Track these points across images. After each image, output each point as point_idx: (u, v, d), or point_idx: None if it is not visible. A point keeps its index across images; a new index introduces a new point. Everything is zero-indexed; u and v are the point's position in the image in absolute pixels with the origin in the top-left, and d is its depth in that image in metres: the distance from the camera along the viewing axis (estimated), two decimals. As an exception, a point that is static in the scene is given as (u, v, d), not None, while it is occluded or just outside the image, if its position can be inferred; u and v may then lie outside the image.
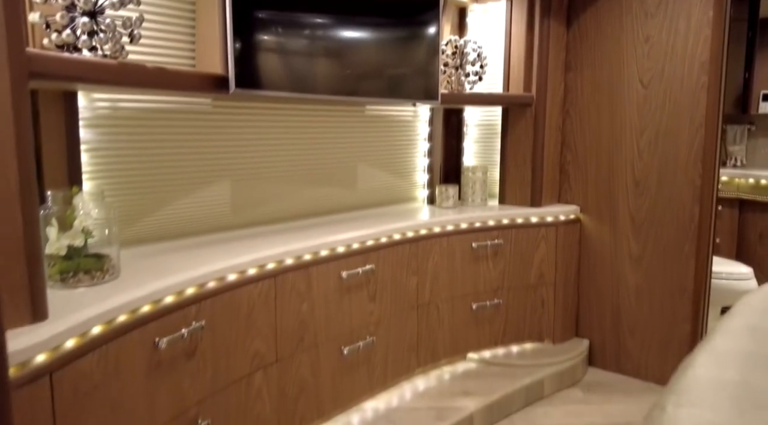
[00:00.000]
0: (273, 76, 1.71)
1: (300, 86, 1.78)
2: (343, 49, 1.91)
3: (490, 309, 2.49)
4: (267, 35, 1.68)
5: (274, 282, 1.69)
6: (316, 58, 1.83)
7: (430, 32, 2.18)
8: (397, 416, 2.00)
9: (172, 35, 1.72)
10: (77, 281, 1.32)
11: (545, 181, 2.66)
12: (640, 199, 2.54)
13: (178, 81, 1.50)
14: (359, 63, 1.97)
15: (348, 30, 1.92)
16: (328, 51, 1.87)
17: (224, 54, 1.58)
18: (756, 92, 3.81)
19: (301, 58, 1.78)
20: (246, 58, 1.61)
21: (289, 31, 1.74)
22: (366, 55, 2.00)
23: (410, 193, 2.72)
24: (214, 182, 1.92)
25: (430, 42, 2.19)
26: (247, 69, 1.61)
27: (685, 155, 2.41)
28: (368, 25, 1.99)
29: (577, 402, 2.35)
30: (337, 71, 1.90)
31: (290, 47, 1.75)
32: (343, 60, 1.91)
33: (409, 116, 2.65)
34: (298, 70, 1.78)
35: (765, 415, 0.84)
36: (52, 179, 1.48)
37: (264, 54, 1.68)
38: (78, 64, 1.25)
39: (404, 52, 2.14)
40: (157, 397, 1.35)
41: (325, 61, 1.86)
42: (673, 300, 2.48)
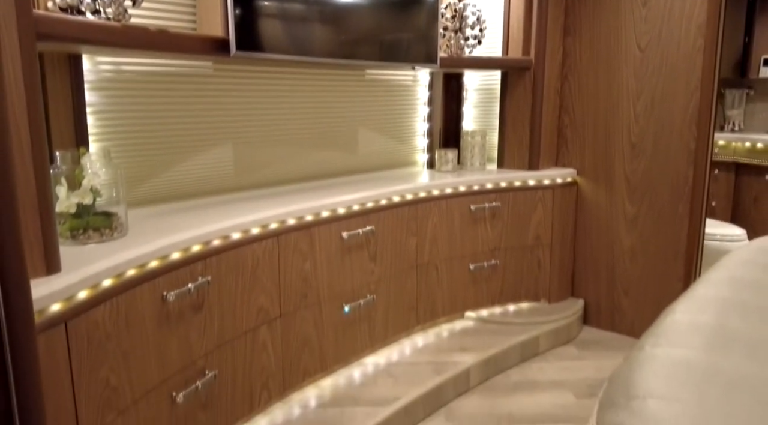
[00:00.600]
0: (273, 39, 1.72)
1: (299, 49, 1.79)
2: (342, 13, 1.91)
3: (487, 270, 2.54)
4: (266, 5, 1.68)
5: (277, 241, 1.74)
6: (316, 21, 1.83)
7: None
8: (397, 370, 2.07)
9: None
10: (87, 238, 1.36)
11: (543, 145, 2.68)
12: (635, 162, 2.56)
13: (180, 43, 1.52)
14: (358, 26, 1.97)
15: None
16: (328, 14, 1.87)
17: (225, 17, 1.58)
18: (756, 57, 3.78)
19: (300, 22, 1.78)
20: (246, 22, 1.61)
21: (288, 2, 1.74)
22: (365, 18, 1.99)
23: (410, 157, 2.74)
24: (216, 145, 1.95)
25: (429, 5, 2.18)
26: (247, 32, 1.62)
27: (681, 118, 2.42)
28: None
29: (571, 358, 2.42)
30: (336, 35, 1.90)
31: (290, 11, 1.75)
32: (343, 23, 1.91)
33: (409, 80, 2.66)
34: (298, 33, 1.78)
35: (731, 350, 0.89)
36: (59, 141, 1.51)
37: (264, 17, 1.68)
38: (83, 26, 1.27)
39: (403, 16, 2.13)
40: (166, 348, 1.40)
41: (325, 25, 1.86)
42: (667, 261, 2.52)
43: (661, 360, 0.87)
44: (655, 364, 0.86)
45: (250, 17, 1.63)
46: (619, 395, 0.83)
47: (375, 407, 1.83)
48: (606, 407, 0.83)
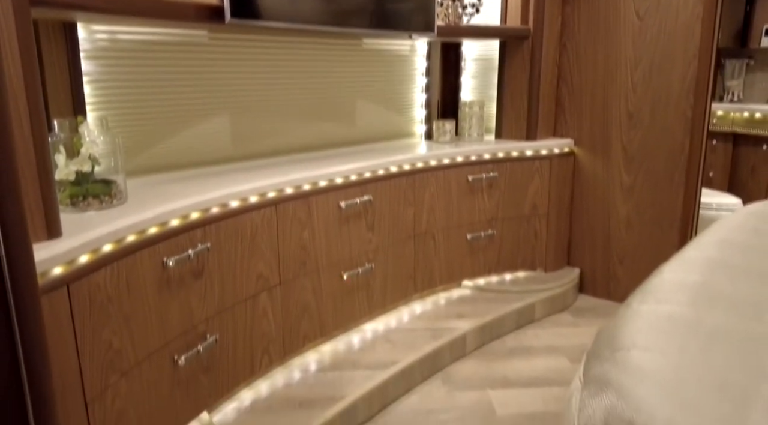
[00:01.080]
0: (268, 7, 1.70)
1: (295, 17, 1.78)
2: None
3: (484, 239, 2.56)
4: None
5: (275, 210, 1.75)
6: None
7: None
8: (395, 336, 2.11)
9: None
10: (87, 205, 1.38)
11: (541, 115, 2.67)
12: (633, 131, 2.55)
13: (174, 10, 1.51)
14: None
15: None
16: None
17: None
18: (757, 26, 3.72)
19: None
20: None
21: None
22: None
23: (408, 128, 2.74)
24: (213, 115, 1.95)
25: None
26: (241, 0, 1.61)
27: (678, 87, 2.40)
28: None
29: (566, 325, 2.45)
30: (332, 3, 1.88)
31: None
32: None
33: (407, 50, 2.63)
34: (294, 0, 1.77)
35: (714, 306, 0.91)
36: (57, 110, 1.52)
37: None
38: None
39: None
40: (167, 312, 1.43)
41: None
42: (662, 229, 2.54)
43: (647, 315, 0.89)
44: (640, 319, 0.88)
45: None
46: (604, 348, 0.85)
47: (373, 371, 1.87)
48: (591, 359, 0.85)
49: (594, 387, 0.78)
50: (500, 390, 1.96)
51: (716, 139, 3.48)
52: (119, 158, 1.46)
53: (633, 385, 0.73)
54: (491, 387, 1.97)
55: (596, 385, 0.78)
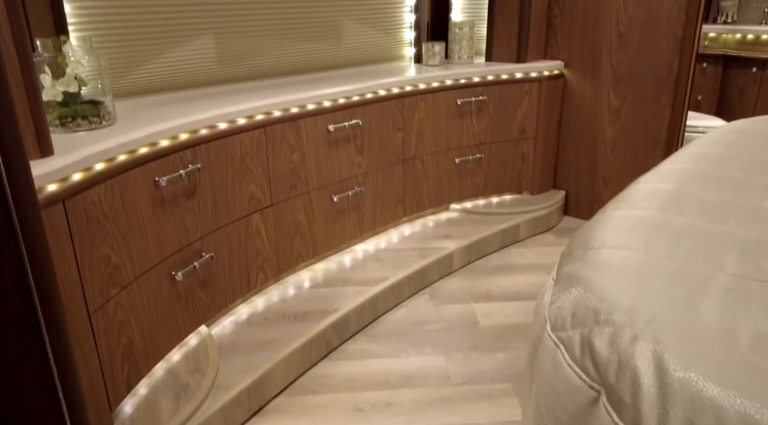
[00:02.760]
0: None
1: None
2: None
3: (472, 163, 2.58)
4: None
5: (264, 132, 1.76)
6: None
7: None
8: (384, 255, 2.18)
9: None
10: (76, 125, 1.38)
11: (532, 36, 2.62)
12: (622, 52, 2.52)
13: None
14: None
15: None
16: None
17: None
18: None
19: None
20: None
21: None
22: None
23: (397, 51, 2.69)
24: (198, 35, 1.91)
25: None
26: None
27: (669, 6, 2.36)
28: None
29: (549, 244, 2.53)
30: None
31: None
32: None
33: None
34: None
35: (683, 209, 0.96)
36: (38, 30, 1.49)
37: None
38: None
39: None
40: (162, 230, 1.47)
41: None
42: (647, 151, 2.57)
43: (618, 219, 0.94)
44: (612, 222, 0.93)
45: None
46: (576, 248, 0.90)
47: (364, 286, 1.95)
48: (564, 258, 0.90)
49: (564, 282, 0.83)
50: (484, 303, 2.05)
51: (707, 61, 3.45)
52: (106, 79, 1.45)
53: (599, 278, 0.79)
54: (475, 301, 2.07)
55: (566, 281, 0.83)
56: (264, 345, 1.64)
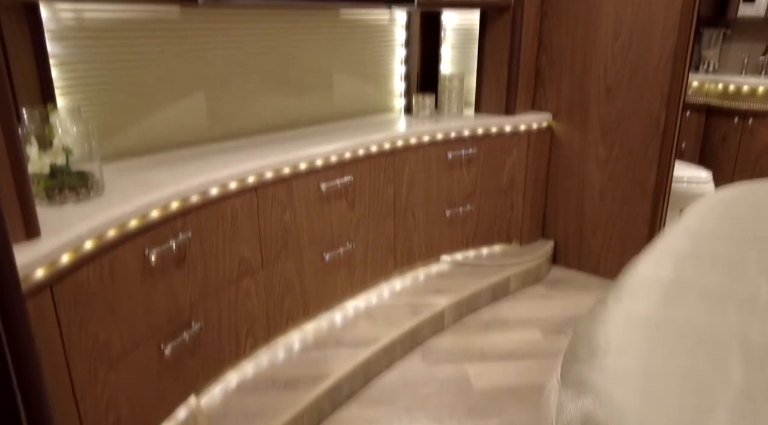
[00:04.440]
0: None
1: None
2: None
3: (462, 214, 2.59)
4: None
5: (255, 194, 1.74)
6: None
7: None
8: (376, 312, 2.15)
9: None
10: (63, 198, 1.35)
11: (521, 86, 2.67)
12: (610, 104, 2.58)
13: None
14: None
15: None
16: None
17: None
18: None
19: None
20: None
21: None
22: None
23: (387, 102, 2.71)
24: (188, 94, 1.90)
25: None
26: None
27: (657, 60, 2.42)
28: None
29: (540, 297, 2.53)
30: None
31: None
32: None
33: (385, 20, 2.58)
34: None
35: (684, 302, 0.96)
36: (25, 97, 1.47)
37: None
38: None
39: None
40: (152, 302, 1.44)
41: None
42: (634, 202, 2.61)
43: (621, 316, 0.94)
44: (614, 320, 0.93)
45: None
46: (581, 349, 0.90)
47: (356, 348, 1.92)
48: (569, 360, 0.90)
49: (572, 389, 0.82)
50: (477, 363, 2.03)
51: (690, 110, 3.53)
52: (94, 148, 1.43)
53: (608, 389, 0.78)
54: (468, 361, 2.05)
55: (574, 387, 0.82)
56: (255, 416, 1.59)
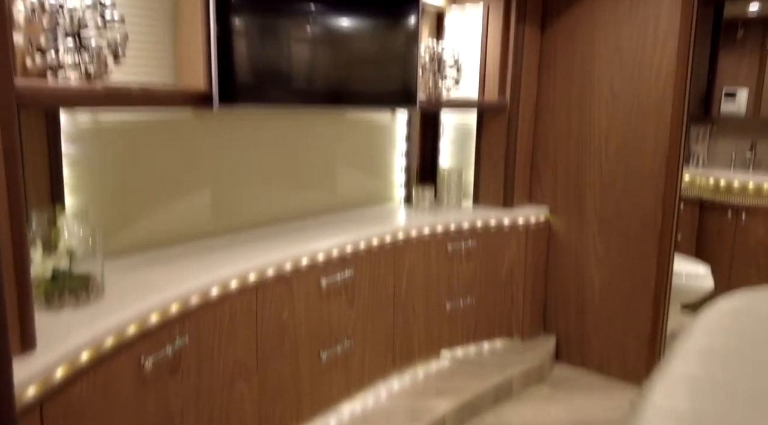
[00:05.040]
0: (256, 91, 1.71)
1: (283, 99, 1.80)
2: (325, 62, 1.92)
3: (463, 308, 2.57)
4: (250, 51, 1.68)
5: (255, 293, 1.73)
6: (299, 71, 1.84)
7: (409, 41, 2.20)
8: (373, 418, 2.08)
9: (152, 46, 1.71)
10: (63, 302, 1.33)
11: (517, 182, 2.74)
12: (606, 200, 2.64)
13: (164, 99, 1.51)
14: (341, 74, 1.98)
15: (329, 43, 1.93)
16: (311, 64, 1.88)
17: (207, 71, 1.58)
18: (719, 91, 3.92)
19: (283, 73, 1.79)
20: (228, 75, 1.61)
21: (271, 46, 1.74)
22: (347, 66, 2.01)
23: (388, 193, 2.76)
24: (195, 189, 1.93)
25: (409, 51, 2.21)
26: (229, 85, 1.61)
27: (650, 160, 2.50)
28: (349, 37, 2.00)
29: (544, 399, 2.47)
30: (319, 83, 1.91)
31: (273, 61, 1.75)
32: (326, 72, 1.93)
33: (388, 118, 2.68)
34: (281, 83, 1.79)
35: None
36: (34, 195, 1.48)
37: (247, 69, 1.68)
38: (64, 92, 1.25)
39: (384, 63, 2.16)
40: (143, 412, 1.38)
41: (308, 74, 1.87)
42: (635, 299, 2.60)
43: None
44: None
45: (232, 70, 1.62)
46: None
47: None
48: None
49: None
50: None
51: (683, 203, 3.62)
52: (99, 248, 1.42)
53: None
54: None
55: None
56: None
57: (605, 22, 2.54)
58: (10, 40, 1.07)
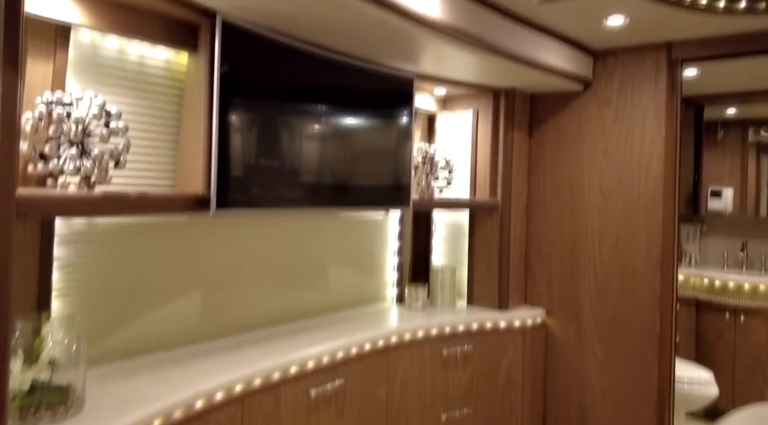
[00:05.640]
0: (253, 196, 1.76)
1: (280, 202, 1.85)
2: (321, 166, 1.99)
3: (459, 419, 2.48)
4: (248, 156, 1.75)
5: (241, 406, 1.67)
6: (296, 175, 1.90)
7: (402, 144, 2.31)
8: None
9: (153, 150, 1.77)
10: (38, 418, 1.28)
11: (512, 282, 2.75)
12: (603, 303, 2.64)
13: (161, 205, 1.54)
14: (337, 176, 2.05)
15: (325, 148, 2.01)
16: (308, 168, 1.95)
17: (206, 176, 1.63)
18: (705, 191, 4.06)
19: (281, 177, 1.85)
20: (227, 179, 1.66)
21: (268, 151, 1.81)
22: (343, 169, 2.08)
23: (380, 292, 2.76)
24: (185, 292, 1.92)
25: (402, 153, 2.31)
26: (228, 189, 1.66)
27: (644, 261, 2.54)
28: (344, 141, 2.10)
29: None
30: (316, 186, 1.97)
31: (271, 167, 1.82)
32: (322, 175, 2.00)
33: (381, 217, 2.74)
34: (278, 187, 1.84)
35: None
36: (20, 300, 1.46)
37: (245, 174, 1.74)
38: (63, 201, 1.28)
39: (378, 165, 2.24)
40: None
41: (305, 178, 1.94)
42: (638, 404, 2.54)
43: None
44: None
45: (230, 175, 1.68)
46: None
47: None
48: None
49: None
50: None
51: (680, 304, 3.62)
52: (82, 358, 1.39)
53: None
54: None
55: None
56: None
57: (592, 127, 2.68)
58: (16, 153, 1.12)
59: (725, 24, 2.21)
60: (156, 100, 1.76)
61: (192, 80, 1.72)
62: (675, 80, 2.52)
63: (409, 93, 2.33)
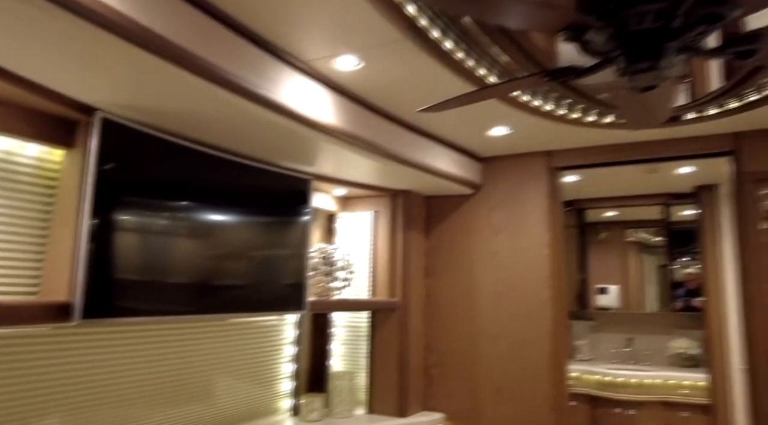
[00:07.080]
0: (128, 303, 1.65)
1: (159, 310, 1.73)
2: (206, 269, 1.92)
3: None
4: (124, 260, 1.65)
5: None
6: (177, 279, 1.82)
7: (299, 243, 2.30)
8: None
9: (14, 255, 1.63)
10: None
11: (411, 387, 2.72)
12: (501, 407, 2.66)
13: (16, 314, 1.39)
14: (225, 278, 1.98)
15: (211, 251, 1.96)
16: (191, 272, 1.87)
17: (73, 280, 1.51)
18: (593, 289, 4.35)
19: (160, 281, 1.75)
20: (98, 285, 1.55)
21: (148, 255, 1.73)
22: (232, 268, 2.02)
23: (273, 404, 2.60)
24: (48, 415, 1.69)
25: (299, 255, 2.29)
26: (98, 296, 1.54)
27: (537, 363, 2.62)
28: (233, 244, 2.05)
29: None
30: (200, 291, 1.88)
31: (150, 270, 1.72)
32: (206, 279, 1.92)
33: (275, 320, 2.64)
34: (158, 292, 1.74)
35: None
36: None
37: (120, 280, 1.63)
38: None
39: (271, 266, 2.20)
40: None
41: (189, 283, 1.85)
42: None
43: None
44: None
45: (103, 280, 1.57)
46: None
47: None
48: None
49: None
50: None
51: (576, 400, 3.73)
52: None
53: None
54: None
55: None
56: None
57: (482, 229, 2.84)
58: None
59: (596, 137, 2.50)
60: (22, 201, 1.65)
61: (66, 179, 1.64)
62: (555, 186, 2.76)
63: (305, 193, 2.36)
